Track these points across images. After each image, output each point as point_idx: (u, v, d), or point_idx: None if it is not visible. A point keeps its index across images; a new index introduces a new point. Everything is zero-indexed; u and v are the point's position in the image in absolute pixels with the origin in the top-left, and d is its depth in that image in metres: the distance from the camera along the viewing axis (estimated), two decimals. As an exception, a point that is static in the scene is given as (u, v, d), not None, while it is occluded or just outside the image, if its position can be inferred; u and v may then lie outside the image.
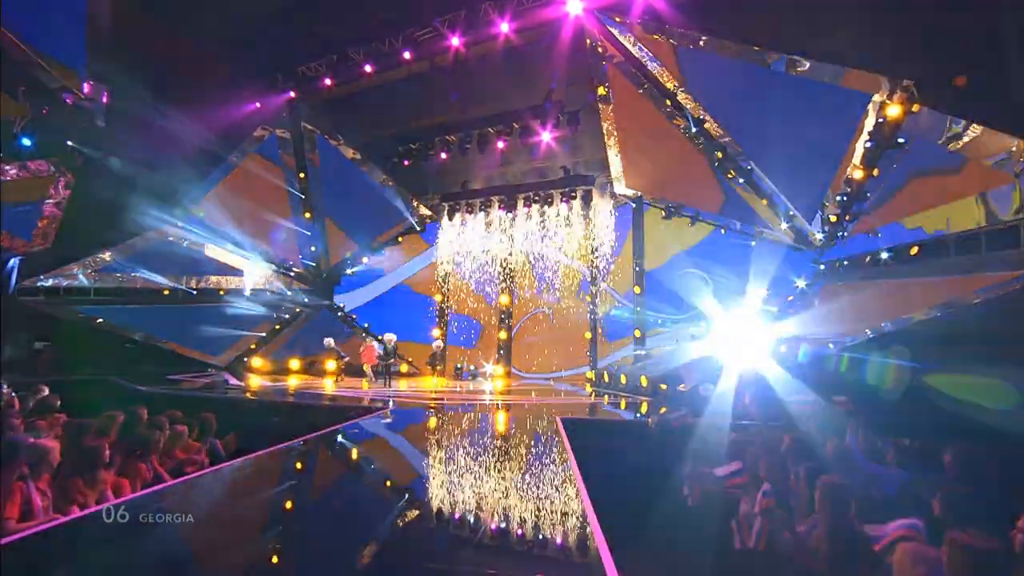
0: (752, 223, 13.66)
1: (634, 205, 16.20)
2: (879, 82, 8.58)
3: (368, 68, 12.95)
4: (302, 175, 16.36)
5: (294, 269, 18.34)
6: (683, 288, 14.67)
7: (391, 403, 9.84)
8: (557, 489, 4.33)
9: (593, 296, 16.66)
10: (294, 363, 15.62)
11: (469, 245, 18.38)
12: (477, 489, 4.36)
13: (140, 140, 13.25)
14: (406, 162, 16.34)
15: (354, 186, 17.58)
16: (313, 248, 18.21)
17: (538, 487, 4.41)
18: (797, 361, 8.35)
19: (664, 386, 10.40)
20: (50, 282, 13.45)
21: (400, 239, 19.66)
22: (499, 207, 17.59)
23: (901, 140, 8.67)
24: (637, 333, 15.84)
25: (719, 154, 12.44)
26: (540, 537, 3.33)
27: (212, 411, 5.90)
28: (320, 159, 16.46)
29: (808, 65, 9.40)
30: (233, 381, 12.55)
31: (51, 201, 13.24)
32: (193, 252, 15.29)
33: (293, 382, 14.36)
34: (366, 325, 19.47)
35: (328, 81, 13.69)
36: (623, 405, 11.02)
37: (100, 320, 13.51)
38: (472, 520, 3.65)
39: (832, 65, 9.06)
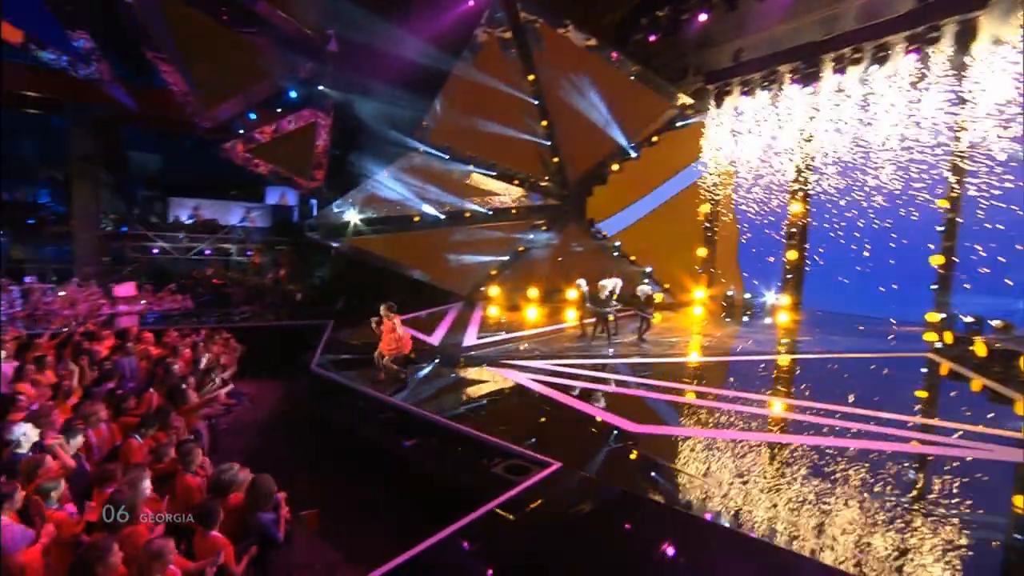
0: None
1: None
2: None
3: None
4: (531, 77, 14.09)
5: (539, 184, 16.80)
6: None
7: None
8: None
9: (956, 199, 10.34)
10: (532, 292, 14.52)
11: (747, 139, 13.67)
12: None
13: (369, 74, 13.16)
14: (652, 38, 12.29)
15: (593, 81, 14.50)
16: (556, 159, 16.24)
17: None
18: None
19: None
20: (329, 216, 14.90)
21: (656, 139, 16.05)
22: (791, 80, 12.09)
23: None
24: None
25: None
26: None
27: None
28: (549, 53, 13.80)
29: None
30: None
31: (320, 143, 14.40)
32: (437, 176, 15.05)
33: (531, 314, 13.32)
34: (619, 243, 17.14)
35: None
36: None
37: (352, 251, 14.51)
38: None
39: None
